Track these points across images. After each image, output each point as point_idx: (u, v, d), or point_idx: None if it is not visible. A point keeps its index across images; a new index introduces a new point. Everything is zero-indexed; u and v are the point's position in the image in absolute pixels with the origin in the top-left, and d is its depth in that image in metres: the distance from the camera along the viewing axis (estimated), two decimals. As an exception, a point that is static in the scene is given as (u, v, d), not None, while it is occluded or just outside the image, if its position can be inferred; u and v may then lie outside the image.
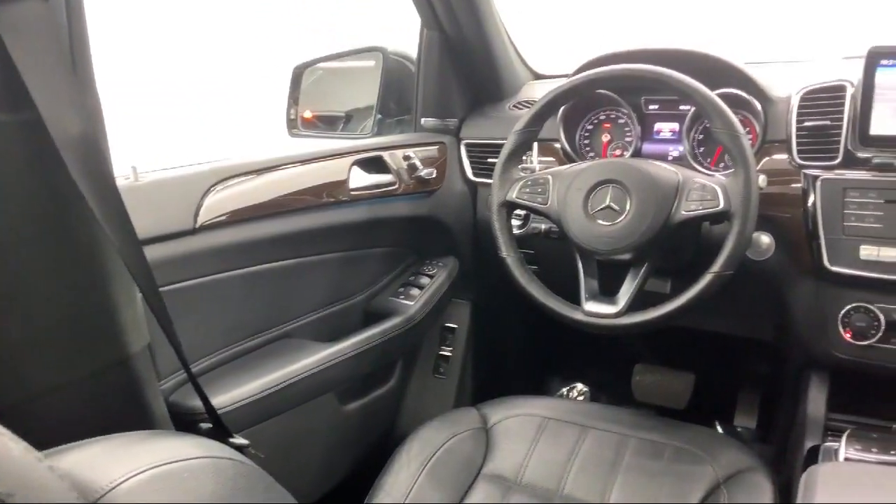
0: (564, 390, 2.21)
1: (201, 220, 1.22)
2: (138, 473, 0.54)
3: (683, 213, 1.25)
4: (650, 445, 1.33)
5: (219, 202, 1.25)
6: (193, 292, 1.23)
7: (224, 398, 1.21)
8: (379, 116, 1.82)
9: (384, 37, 1.89)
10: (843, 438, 1.16)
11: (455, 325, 1.87)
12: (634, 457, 1.31)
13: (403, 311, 1.64)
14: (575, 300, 1.33)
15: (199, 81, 3.94)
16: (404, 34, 1.82)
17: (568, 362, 2.20)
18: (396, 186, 1.61)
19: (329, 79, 1.97)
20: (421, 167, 1.65)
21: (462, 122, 1.81)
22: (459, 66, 1.76)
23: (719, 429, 1.97)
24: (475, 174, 1.76)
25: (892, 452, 1.07)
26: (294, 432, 1.39)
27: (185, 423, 1.13)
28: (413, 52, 1.80)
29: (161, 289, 0.94)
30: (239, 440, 1.03)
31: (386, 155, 1.60)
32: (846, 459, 1.09)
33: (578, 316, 1.32)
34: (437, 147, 1.74)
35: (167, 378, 1.20)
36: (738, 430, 1.96)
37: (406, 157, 1.64)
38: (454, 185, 1.77)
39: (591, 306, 1.31)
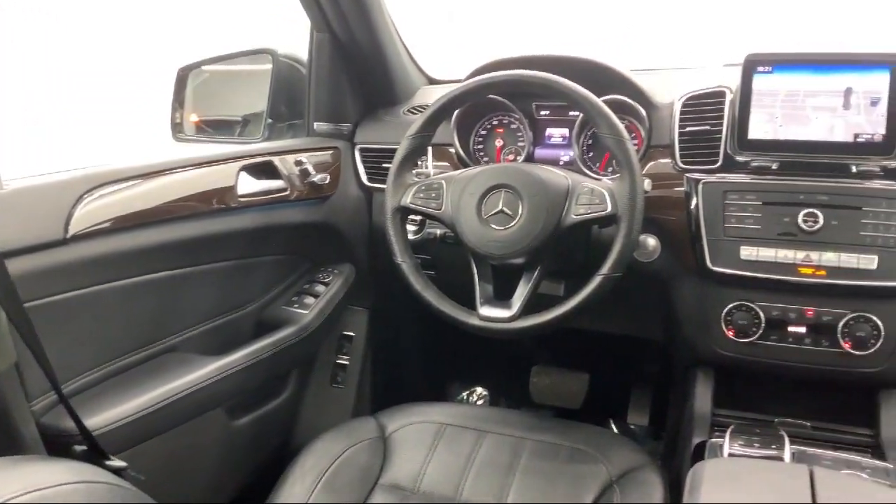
0: (465, 395, 2.22)
1: (74, 229, 1.14)
2: (5, 503, 0.50)
3: (573, 216, 1.27)
4: (546, 447, 1.34)
5: (94, 210, 1.18)
6: (66, 306, 1.16)
7: (100, 418, 1.15)
8: (270, 121, 1.78)
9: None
10: (727, 434, 1.20)
11: (352, 333, 1.84)
12: (530, 459, 1.32)
13: (297, 321, 1.60)
14: (472, 305, 1.33)
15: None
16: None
17: (468, 367, 2.20)
18: (288, 192, 1.57)
19: (217, 81, 1.91)
20: (314, 173, 1.62)
21: (356, 127, 1.78)
22: (352, 70, 1.74)
23: (614, 427, 2.02)
24: (370, 179, 1.74)
25: (773, 447, 1.11)
26: (179, 451, 1.33)
27: (58, 446, 1.06)
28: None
29: (29, 303, 0.88)
30: (116, 462, 0.97)
31: (277, 160, 1.56)
32: (730, 455, 1.13)
33: (473, 321, 1.32)
34: (330, 152, 1.71)
35: (38, 399, 1.12)
36: (632, 427, 2.01)
37: (298, 163, 1.60)
38: (349, 191, 1.74)
39: (486, 311, 1.31)
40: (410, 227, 1.59)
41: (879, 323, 1.28)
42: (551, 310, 1.29)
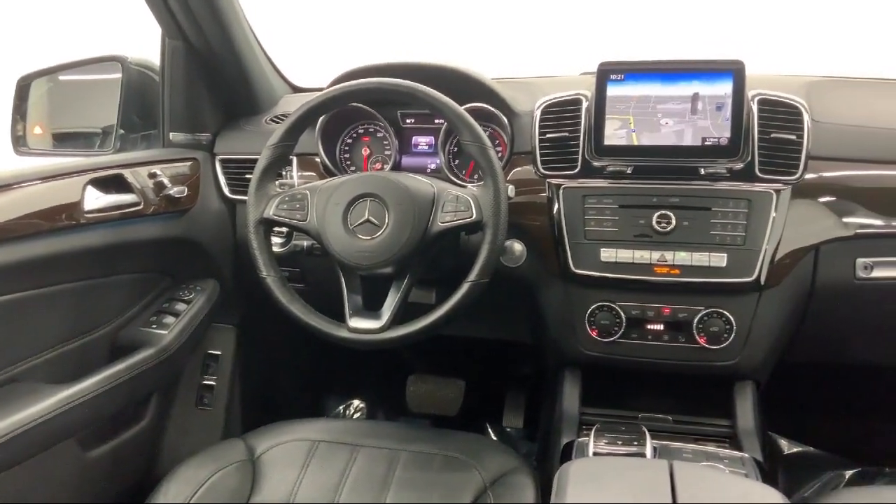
0: (341, 408, 2.18)
1: None
2: None
3: (440, 224, 1.27)
4: (420, 457, 1.33)
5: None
6: None
7: None
8: (121, 132, 1.68)
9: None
10: (592, 434, 1.22)
11: (219, 352, 1.76)
12: (405, 470, 1.30)
13: (156, 342, 1.51)
14: (344, 317, 1.30)
15: None
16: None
17: (344, 380, 2.17)
18: (142, 207, 1.48)
19: (64, 91, 1.79)
20: (170, 185, 1.54)
21: (216, 137, 1.71)
22: (209, 78, 1.67)
23: (490, 431, 2.04)
24: (232, 191, 1.68)
25: (636, 444, 1.15)
26: (29, 488, 1.23)
27: None
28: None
29: None
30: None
31: (127, 173, 1.47)
32: (595, 454, 1.16)
33: (342, 333, 1.29)
34: (188, 163, 1.64)
35: None
36: (508, 430, 2.03)
37: (152, 175, 1.52)
38: (210, 204, 1.67)
39: (356, 322, 1.29)
40: (277, 240, 1.54)
41: (731, 318, 1.35)
42: (421, 319, 1.28)
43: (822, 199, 1.35)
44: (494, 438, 2.01)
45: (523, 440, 2.01)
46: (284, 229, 1.52)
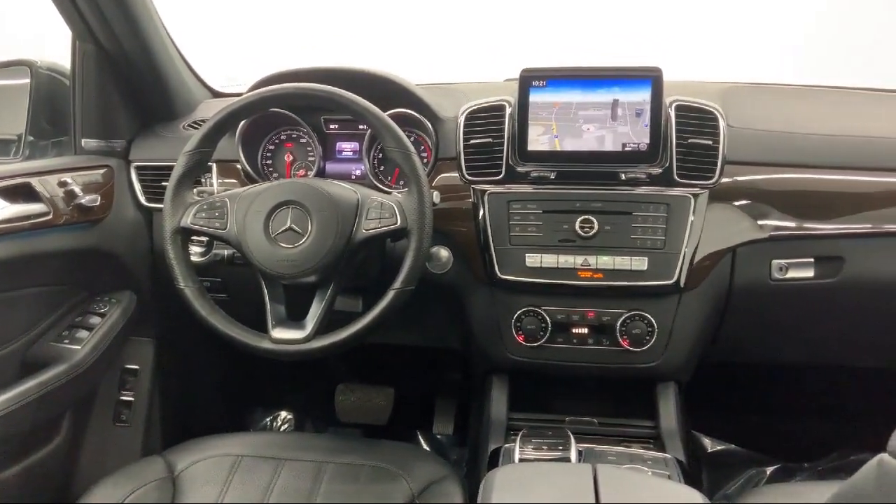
0: (268, 421, 2.13)
1: None
2: None
3: (364, 231, 1.25)
4: (347, 469, 1.30)
5: None
6: None
7: None
8: (30, 139, 1.61)
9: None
10: (518, 440, 1.23)
11: (137, 366, 1.70)
12: (331, 483, 1.27)
13: (68, 357, 1.45)
14: (267, 328, 1.27)
15: None
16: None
17: (270, 391, 2.12)
18: (51, 217, 1.42)
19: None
20: (82, 194, 1.47)
21: (131, 144, 1.65)
22: (123, 83, 1.61)
23: (421, 439, 2.02)
24: (148, 199, 1.62)
25: (560, 448, 1.15)
26: None
27: None
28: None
29: None
30: None
31: (36, 181, 1.40)
32: (520, 460, 1.16)
33: (265, 344, 1.26)
34: (101, 171, 1.57)
35: None
36: (439, 437, 2.02)
37: (62, 184, 1.45)
38: (125, 213, 1.61)
39: (279, 333, 1.26)
40: (197, 249, 1.49)
41: (653, 320, 1.37)
42: (346, 328, 1.26)
43: (737, 203, 1.39)
44: (425, 446, 2.00)
45: (454, 446, 2.00)
46: (205, 238, 1.48)
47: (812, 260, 1.40)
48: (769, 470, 1.85)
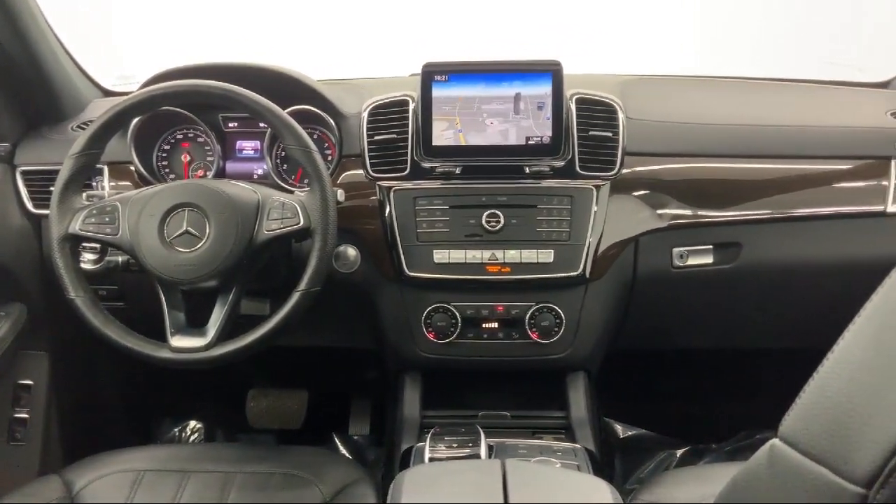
0: (176, 431, 2.05)
1: None
2: None
3: (266, 232, 1.22)
4: (256, 478, 1.26)
5: None
6: None
7: None
8: None
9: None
10: (428, 439, 1.21)
11: (30, 382, 1.61)
12: (240, 494, 1.23)
13: None
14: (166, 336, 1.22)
15: None
16: None
17: (178, 400, 2.05)
18: (-75, 227, 1.32)
19: None
20: (-40, 202, 1.38)
21: (16, 147, 1.56)
22: (4, 83, 1.51)
23: (337, 441, 1.99)
24: (36, 205, 1.53)
25: (470, 445, 1.15)
26: None
27: None
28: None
29: None
30: None
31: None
32: (430, 459, 1.15)
33: (164, 354, 1.21)
34: None
35: None
36: (355, 438, 2.00)
37: (-63, 191, 1.36)
38: (10, 220, 1.52)
39: (178, 341, 1.22)
40: (90, 256, 1.42)
41: (561, 312, 1.39)
42: (249, 333, 1.23)
43: (638, 193, 1.41)
44: (342, 448, 1.96)
45: (372, 446, 1.98)
46: (98, 245, 1.41)
47: (711, 247, 1.44)
48: (679, 452, 1.90)
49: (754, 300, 1.55)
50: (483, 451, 1.14)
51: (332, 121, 1.46)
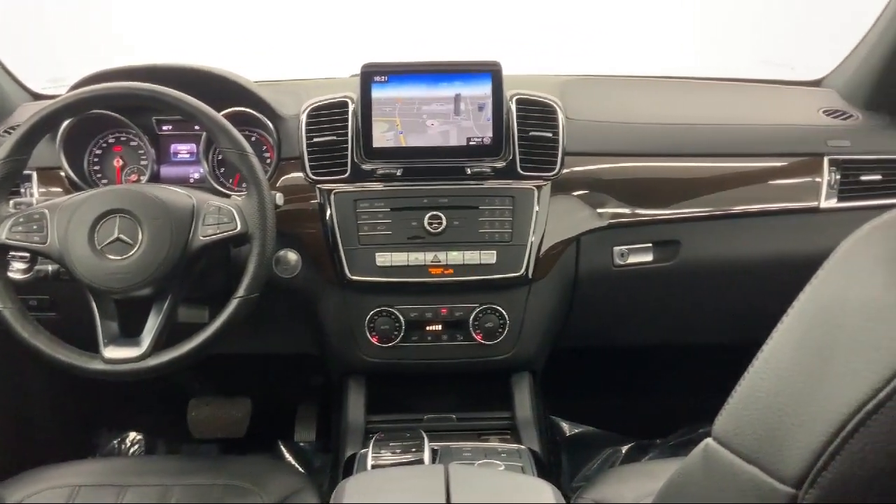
0: (116, 443, 1.99)
1: None
2: None
3: (201, 238, 1.19)
4: (196, 491, 1.23)
5: None
6: None
7: None
8: None
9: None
10: (371, 445, 1.20)
11: None
12: None
13: None
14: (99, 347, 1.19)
15: None
16: None
17: (116, 411, 1.98)
18: None
19: None
20: None
21: None
22: None
23: (283, 448, 1.96)
24: (-37, 214, 1.46)
25: (414, 451, 1.14)
26: None
27: None
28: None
29: None
30: None
31: None
32: (373, 466, 1.13)
33: (97, 365, 1.18)
34: None
35: None
36: (301, 445, 1.97)
37: None
38: None
39: (112, 352, 1.18)
40: (19, 265, 1.36)
41: (504, 313, 1.39)
42: (186, 342, 1.20)
43: (578, 193, 1.42)
44: (288, 455, 1.93)
45: (318, 453, 1.95)
46: (27, 254, 1.36)
47: (650, 245, 1.46)
48: (624, 449, 1.92)
49: (694, 297, 1.57)
50: (426, 456, 1.14)
51: (269, 123, 1.43)
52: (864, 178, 1.50)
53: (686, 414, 1.96)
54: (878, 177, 1.51)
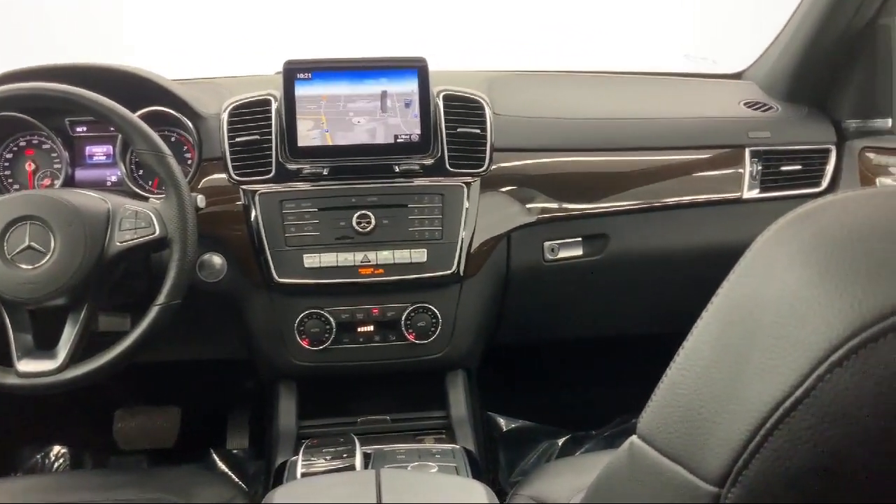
0: (39, 458, 1.91)
1: None
2: None
3: (118, 244, 1.15)
4: None
5: None
6: None
7: None
8: None
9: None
10: (301, 452, 1.17)
11: None
12: None
13: None
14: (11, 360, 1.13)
15: None
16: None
17: (38, 424, 1.90)
18: None
19: None
20: None
21: None
22: None
23: (215, 456, 1.91)
24: None
25: (345, 456, 1.11)
26: None
27: None
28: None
29: None
30: None
31: None
32: (303, 475, 1.11)
33: (10, 380, 1.13)
34: None
35: None
36: (234, 452, 1.92)
37: None
38: None
39: (26, 365, 1.13)
40: None
41: (437, 311, 1.38)
42: (105, 353, 1.15)
43: (508, 189, 1.42)
44: (221, 464, 1.88)
45: (252, 460, 1.91)
46: None
47: (580, 239, 1.47)
48: (560, 441, 1.94)
49: (624, 289, 1.59)
50: (358, 461, 1.11)
51: (189, 122, 1.39)
52: (784, 168, 1.54)
53: (620, 404, 1.99)
54: (798, 167, 1.55)
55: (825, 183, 1.56)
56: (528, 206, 1.42)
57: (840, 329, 0.38)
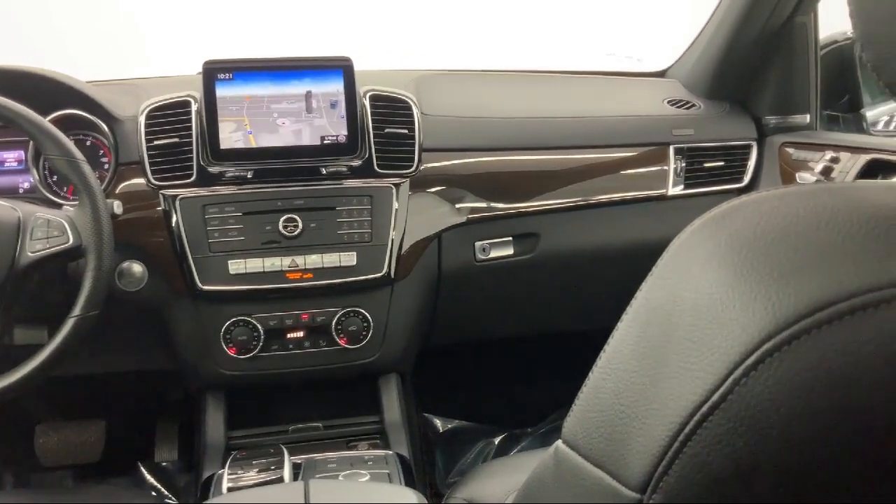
0: (-46, 479, 1.82)
1: None
2: None
3: (30, 254, 1.10)
4: None
5: None
6: None
7: None
8: None
9: None
10: (227, 465, 1.13)
11: None
12: None
13: None
14: None
15: None
16: None
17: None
18: None
19: None
20: None
21: None
22: None
23: (143, 469, 1.85)
24: None
25: (273, 467, 1.08)
26: None
27: None
28: None
29: None
30: None
31: None
32: (229, 489, 1.07)
33: None
34: None
35: None
36: (163, 465, 1.86)
37: None
38: None
39: None
40: None
41: (368, 315, 1.35)
42: (20, 368, 1.10)
43: (437, 189, 1.41)
44: (149, 477, 1.82)
45: (181, 472, 1.85)
46: None
47: (510, 239, 1.47)
48: (497, 440, 1.94)
49: (556, 287, 1.60)
50: (287, 473, 1.08)
51: (104, 126, 1.33)
52: (707, 164, 1.57)
53: (555, 400, 2.00)
54: (721, 163, 1.58)
55: (747, 178, 1.60)
56: (459, 206, 1.41)
57: (755, 332, 0.38)
